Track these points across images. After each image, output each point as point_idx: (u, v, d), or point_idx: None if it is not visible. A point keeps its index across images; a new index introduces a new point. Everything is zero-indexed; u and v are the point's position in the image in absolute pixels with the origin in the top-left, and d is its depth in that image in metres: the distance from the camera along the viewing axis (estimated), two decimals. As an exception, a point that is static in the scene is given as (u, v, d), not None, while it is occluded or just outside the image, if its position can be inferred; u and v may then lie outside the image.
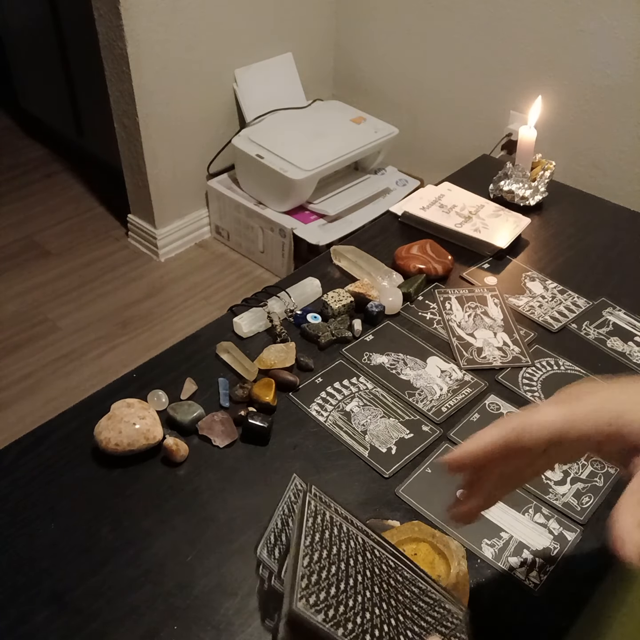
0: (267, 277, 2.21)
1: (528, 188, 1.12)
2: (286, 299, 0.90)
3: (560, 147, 1.99)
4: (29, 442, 0.73)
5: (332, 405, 0.78)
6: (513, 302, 0.95)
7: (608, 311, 0.94)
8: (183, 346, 0.86)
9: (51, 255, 2.27)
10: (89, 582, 0.61)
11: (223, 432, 0.73)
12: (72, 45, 2.38)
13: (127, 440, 0.69)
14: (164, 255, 2.28)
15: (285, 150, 2.01)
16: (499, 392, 0.81)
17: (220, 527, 0.66)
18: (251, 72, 2.19)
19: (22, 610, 0.59)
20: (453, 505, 0.54)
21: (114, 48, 1.90)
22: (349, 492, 0.69)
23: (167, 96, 2.01)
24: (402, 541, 0.62)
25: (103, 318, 2.04)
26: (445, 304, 0.94)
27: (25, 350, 1.91)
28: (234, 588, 0.61)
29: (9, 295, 2.10)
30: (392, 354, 0.86)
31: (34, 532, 0.65)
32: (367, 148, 2.11)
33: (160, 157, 2.09)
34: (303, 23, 2.29)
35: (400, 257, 0.99)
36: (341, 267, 1.00)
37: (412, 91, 2.30)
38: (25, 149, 2.81)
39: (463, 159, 1.36)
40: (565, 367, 0.85)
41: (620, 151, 1.89)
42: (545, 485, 0.71)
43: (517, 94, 2.03)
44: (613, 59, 1.80)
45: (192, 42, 1.99)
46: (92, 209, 2.49)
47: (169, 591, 0.61)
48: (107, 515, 0.66)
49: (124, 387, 0.79)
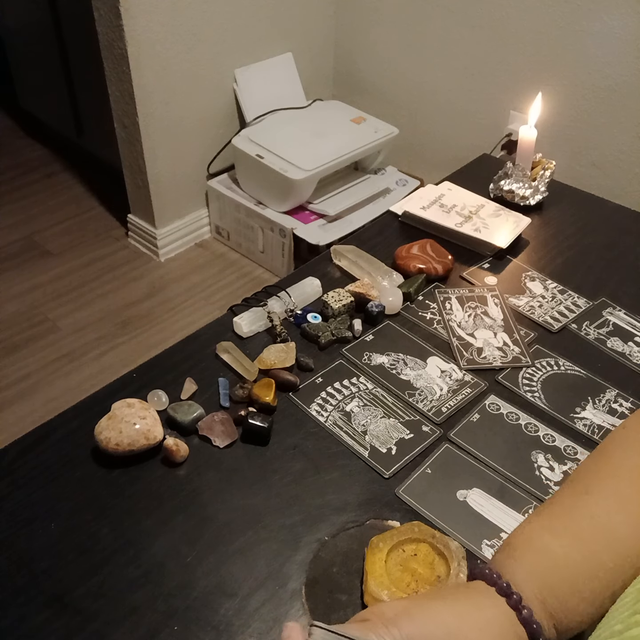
0: (267, 277, 2.21)
1: (528, 188, 1.12)
2: (286, 299, 0.90)
3: (561, 146, 1.99)
4: (29, 442, 0.73)
5: (332, 406, 0.78)
6: (513, 302, 0.95)
7: (608, 311, 0.94)
8: (183, 346, 0.86)
9: (51, 255, 2.27)
10: (89, 583, 0.61)
11: (223, 432, 0.73)
12: (72, 45, 2.38)
13: (128, 440, 0.69)
14: (164, 255, 2.28)
15: (285, 150, 2.01)
16: (499, 392, 0.81)
17: (220, 528, 0.66)
18: (251, 72, 2.19)
19: (22, 611, 0.59)
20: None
21: (114, 48, 1.90)
22: (349, 492, 0.69)
23: (167, 96, 2.01)
24: (402, 542, 0.62)
25: (103, 318, 2.04)
26: (446, 304, 0.94)
27: (25, 350, 1.91)
28: (233, 589, 0.61)
29: (9, 295, 2.10)
30: (392, 354, 0.86)
31: (34, 532, 0.65)
32: (367, 148, 2.11)
33: (160, 157, 2.09)
34: (303, 23, 2.29)
35: (401, 256, 0.99)
36: (341, 266, 1.00)
37: (412, 91, 2.30)
38: (25, 149, 2.81)
39: (463, 159, 1.36)
40: (565, 367, 0.85)
41: (620, 151, 1.89)
42: (545, 485, 0.71)
43: (517, 93, 2.03)
44: (613, 59, 1.80)
45: (192, 42, 1.99)
46: (92, 209, 2.49)
47: (169, 591, 0.60)
48: (107, 515, 0.66)
49: (124, 387, 0.79)
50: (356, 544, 0.64)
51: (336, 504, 0.68)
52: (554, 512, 0.53)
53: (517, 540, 0.52)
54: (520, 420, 0.78)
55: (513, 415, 0.78)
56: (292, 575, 0.62)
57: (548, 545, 0.50)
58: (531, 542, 0.51)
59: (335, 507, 0.68)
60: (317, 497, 0.68)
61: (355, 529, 0.66)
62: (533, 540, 0.51)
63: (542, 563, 0.49)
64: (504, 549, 0.51)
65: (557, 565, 0.49)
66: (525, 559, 0.49)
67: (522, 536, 0.52)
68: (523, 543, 0.51)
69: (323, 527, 0.66)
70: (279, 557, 0.63)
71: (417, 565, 0.61)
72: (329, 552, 0.63)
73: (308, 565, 0.62)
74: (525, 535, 0.52)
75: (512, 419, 0.78)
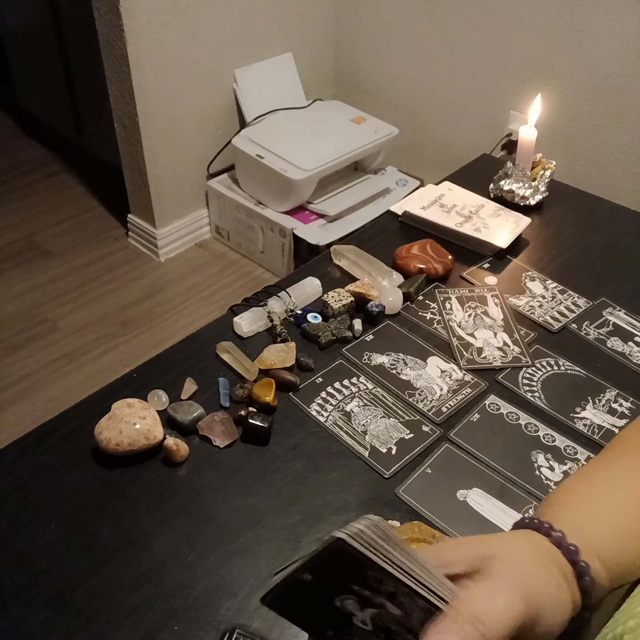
0: (267, 277, 2.21)
1: (528, 188, 1.12)
2: (286, 299, 0.90)
3: (560, 146, 1.99)
4: (29, 442, 0.73)
5: (332, 405, 0.78)
6: (513, 302, 0.95)
7: (608, 311, 0.94)
8: (183, 346, 0.86)
9: (51, 255, 2.27)
10: (89, 582, 0.61)
11: (223, 432, 0.73)
12: (72, 45, 2.38)
13: (128, 440, 0.69)
14: (164, 255, 2.28)
15: (285, 150, 2.01)
16: (499, 392, 0.81)
17: (221, 527, 0.66)
18: (251, 72, 2.19)
19: (22, 611, 0.59)
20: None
21: (114, 48, 1.90)
22: (349, 492, 0.69)
23: (167, 96, 2.01)
24: (403, 541, 0.62)
25: (103, 318, 2.04)
26: (446, 304, 0.94)
27: (25, 350, 1.91)
28: (234, 588, 0.61)
29: (9, 295, 2.10)
30: (392, 354, 0.86)
31: (34, 532, 0.65)
32: (367, 148, 2.11)
33: (160, 157, 2.09)
34: (303, 23, 2.29)
35: (401, 256, 0.99)
36: (341, 266, 1.00)
37: (412, 91, 2.30)
38: (25, 149, 2.81)
39: (463, 159, 1.36)
40: (565, 367, 0.85)
41: (620, 151, 1.89)
42: (545, 485, 0.71)
43: (517, 94, 2.03)
44: (613, 59, 1.80)
45: (192, 42, 1.99)
46: (92, 209, 2.49)
47: (169, 591, 0.60)
48: (107, 515, 0.66)
49: (124, 387, 0.79)
50: (356, 543, 0.64)
51: (336, 504, 0.68)
52: (593, 466, 0.51)
53: (555, 495, 0.50)
54: (520, 420, 0.78)
55: (513, 415, 0.78)
56: (292, 575, 0.62)
57: (587, 492, 0.48)
58: (570, 493, 0.49)
59: (336, 507, 0.68)
60: (317, 497, 0.68)
61: (355, 528, 0.65)
62: (571, 491, 0.49)
63: (583, 509, 0.47)
64: (542, 505, 0.50)
65: (598, 509, 0.47)
66: (566, 508, 0.47)
67: (560, 490, 0.50)
68: (561, 495, 0.49)
69: (323, 527, 0.66)
70: (279, 557, 0.63)
71: (417, 565, 0.61)
72: (329, 552, 0.63)
73: (308, 565, 0.62)
74: (563, 489, 0.50)
75: (512, 419, 0.78)
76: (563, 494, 0.49)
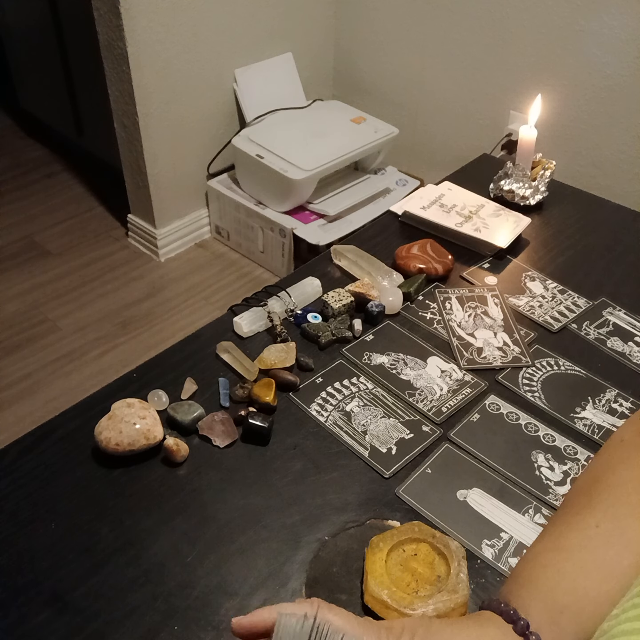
0: (267, 277, 2.21)
1: (528, 187, 1.12)
2: (286, 299, 0.90)
3: (561, 146, 1.99)
4: (29, 442, 0.73)
5: (333, 405, 0.78)
6: (513, 302, 0.95)
7: (608, 311, 0.94)
8: (183, 346, 0.86)
9: (51, 255, 2.27)
10: (89, 582, 0.61)
11: (223, 432, 0.73)
12: (72, 45, 2.38)
13: (128, 440, 0.69)
14: (164, 255, 2.28)
15: (285, 150, 2.01)
16: (499, 392, 0.81)
17: (221, 527, 0.66)
18: (251, 72, 2.19)
19: (22, 610, 0.59)
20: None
21: (114, 48, 1.90)
22: (349, 492, 0.69)
23: (167, 96, 2.01)
24: (402, 541, 0.62)
25: (103, 318, 2.04)
26: (446, 304, 0.94)
27: (25, 350, 1.91)
28: (234, 588, 0.61)
29: (9, 295, 2.10)
30: (392, 354, 0.86)
31: (34, 532, 0.65)
32: (367, 148, 2.11)
33: (160, 157, 2.09)
34: (303, 23, 2.29)
35: (401, 256, 0.99)
36: (341, 266, 1.00)
37: (412, 91, 2.30)
38: (25, 149, 2.81)
39: (463, 159, 1.36)
40: (565, 367, 0.85)
41: (620, 151, 1.89)
42: (545, 485, 0.71)
43: (517, 94, 2.03)
44: (613, 59, 1.80)
45: (192, 42, 1.99)
46: (92, 209, 2.49)
47: (169, 591, 0.61)
48: (107, 515, 0.66)
49: (124, 387, 0.79)
50: (356, 543, 0.64)
51: (336, 504, 0.68)
52: (556, 531, 0.51)
53: (521, 566, 0.50)
54: (520, 420, 0.78)
55: (513, 415, 0.78)
56: (292, 575, 0.62)
57: (553, 562, 0.48)
58: (535, 564, 0.49)
59: (336, 506, 0.68)
60: (318, 496, 0.68)
61: (355, 528, 0.66)
62: (537, 562, 0.49)
63: (548, 581, 0.47)
64: (510, 578, 0.50)
65: (564, 579, 0.47)
66: (531, 581, 0.48)
67: (526, 561, 0.50)
68: (527, 567, 0.50)
69: (323, 526, 0.66)
70: (280, 557, 0.63)
71: (417, 565, 0.61)
72: (329, 552, 0.63)
73: (308, 565, 0.62)
74: (529, 560, 0.50)
75: (512, 419, 0.78)
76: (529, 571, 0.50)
